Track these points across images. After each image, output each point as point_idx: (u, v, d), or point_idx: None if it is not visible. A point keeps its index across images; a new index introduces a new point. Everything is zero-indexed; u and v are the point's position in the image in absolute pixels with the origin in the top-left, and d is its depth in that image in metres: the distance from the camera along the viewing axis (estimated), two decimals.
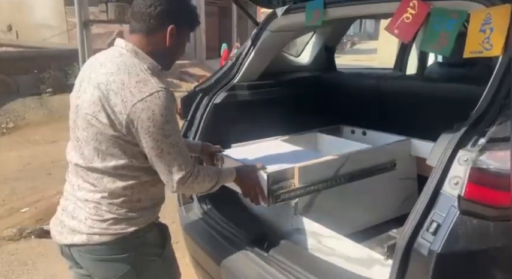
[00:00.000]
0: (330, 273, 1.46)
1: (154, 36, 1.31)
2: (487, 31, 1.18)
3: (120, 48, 1.32)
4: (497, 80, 1.19)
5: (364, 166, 1.94)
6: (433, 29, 1.32)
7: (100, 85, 1.23)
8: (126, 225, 1.31)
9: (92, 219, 1.30)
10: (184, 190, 1.36)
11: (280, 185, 1.63)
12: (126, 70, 1.24)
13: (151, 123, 1.20)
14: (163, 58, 1.34)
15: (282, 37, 2.18)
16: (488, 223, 1.01)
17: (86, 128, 1.29)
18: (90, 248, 1.31)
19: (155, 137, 1.22)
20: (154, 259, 1.39)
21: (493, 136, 1.04)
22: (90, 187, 1.31)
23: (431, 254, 1.06)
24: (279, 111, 2.22)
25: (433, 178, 1.14)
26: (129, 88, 1.20)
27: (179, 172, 1.27)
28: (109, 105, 1.22)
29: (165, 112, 1.20)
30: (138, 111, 1.19)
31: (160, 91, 1.20)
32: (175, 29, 1.31)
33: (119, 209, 1.30)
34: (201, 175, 1.34)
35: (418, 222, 1.13)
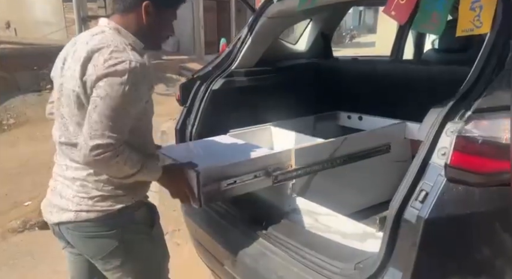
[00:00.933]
0: (326, 247, 1.51)
1: (131, 14, 1.33)
2: (476, 9, 1.22)
3: (103, 26, 1.34)
4: (484, 56, 1.24)
5: (359, 148, 1.99)
6: (424, 9, 1.36)
7: (81, 58, 1.25)
8: (113, 202, 1.32)
9: (79, 196, 1.32)
10: (99, 164, 1.20)
11: (213, 185, 1.50)
12: (106, 44, 1.25)
13: (108, 86, 1.18)
14: (145, 37, 1.36)
15: (278, 23, 2.22)
16: (472, 189, 1.06)
17: (69, 104, 1.30)
18: (77, 225, 1.32)
19: (101, 92, 1.18)
20: (142, 237, 1.40)
21: (478, 107, 1.09)
22: (77, 165, 1.32)
23: (419, 221, 1.11)
24: (277, 97, 2.27)
25: (422, 150, 1.19)
26: (103, 56, 1.21)
27: (98, 138, 1.16)
28: (85, 75, 1.23)
29: (126, 76, 1.18)
30: (104, 73, 1.19)
31: (133, 62, 1.21)
32: (151, 6, 1.32)
33: (106, 186, 1.31)
34: (123, 155, 1.20)
35: (408, 192, 1.18)
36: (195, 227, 1.95)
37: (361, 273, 1.30)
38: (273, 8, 2.08)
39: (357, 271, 1.33)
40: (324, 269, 1.39)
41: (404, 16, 1.48)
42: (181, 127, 2.13)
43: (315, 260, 1.44)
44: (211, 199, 1.53)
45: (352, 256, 1.42)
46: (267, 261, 1.54)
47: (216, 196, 1.56)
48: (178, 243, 3.14)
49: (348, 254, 1.45)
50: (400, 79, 2.40)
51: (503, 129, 1.02)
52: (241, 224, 1.74)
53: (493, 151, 1.02)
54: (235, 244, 1.67)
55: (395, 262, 1.21)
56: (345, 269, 1.36)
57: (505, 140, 1.01)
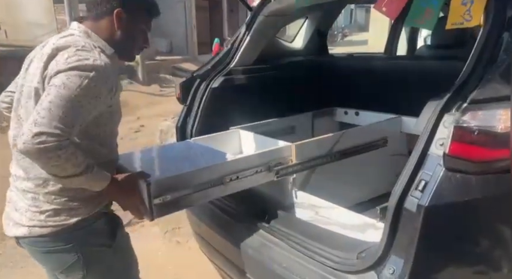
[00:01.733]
0: (327, 238, 1.54)
1: (103, 20, 1.32)
2: (467, 4, 1.27)
3: (73, 29, 1.32)
4: (478, 50, 1.28)
5: (357, 143, 2.04)
6: (417, 4, 1.41)
7: (44, 56, 1.23)
8: (67, 216, 1.25)
9: (31, 211, 1.26)
10: (38, 153, 1.06)
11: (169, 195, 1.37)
12: (73, 43, 1.23)
13: (65, 76, 1.13)
14: (117, 45, 1.34)
15: (276, 21, 2.26)
16: (470, 177, 1.11)
17: (27, 103, 1.24)
18: (33, 240, 1.27)
19: (56, 82, 1.13)
20: (103, 250, 1.34)
21: (473, 98, 1.13)
22: (25, 175, 1.25)
23: (420, 209, 1.15)
24: (275, 94, 2.31)
25: (420, 142, 1.23)
26: (68, 53, 1.19)
27: (44, 126, 1.06)
28: (46, 69, 1.20)
29: (87, 76, 1.14)
30: (64, 69, 1.15)
31: (97, 60, 1.18)
32: (124, 13, 1.31)
33: (57, 199, 1.24)
34: (67, 150, 1.09)
35: (407, 182, 1.22)
36: (198, 223, 1.98)
37: (364, 261, 1.34)
38: (271, 7, 2.12)
39: (359, 260, 1.37)
40: (326, 259, 1.43)
41: (395, 12, 1.53)
42: (182, 125, 2.16)
43: (317, 251, 1.48)
44: (165, 210, 1.39)
45: (354, 246, 1.47)
46: (270, 252, 1.58)
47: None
48: (179, 241, 3.17)
49: (349, 244, 1.49)
50: (395, 74, 2.45)
51: (498, 118, 1.07)
52: (244, 218, 1.78)
53: (489, 140, 1.07)
54: (238, 237, 1.71)
55: (397, 250, 1.25)
56: (347, 258, 1.40)
57: (500, 130, 1.06)
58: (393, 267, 1.25)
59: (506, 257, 1.16)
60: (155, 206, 1.33)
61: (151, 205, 1.32)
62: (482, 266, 1.17)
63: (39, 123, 1.07)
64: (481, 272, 1.17)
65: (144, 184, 1.31)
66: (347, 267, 1.38)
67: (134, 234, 3.36)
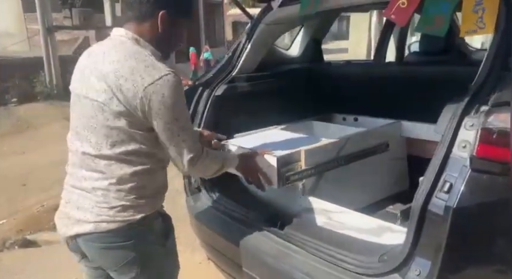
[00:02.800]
0: (344, 243, 1.56)
1: (147, 22, 1.33)
2: (479, 11, 1.32)
3: (120, 36, 1.34)
4: (491, 56, 1.34)
5: (361, 147, 2.08)
6: (428, 12, 1.46)
7: (109, 74, 1.26)
8: (134, 212, 1.33)
9: (100, 207, 1.32)
10: (193, 171, 1.44)
11: (288, 167, 1.74)
12: (133, 57, 1.27)
13: (162, 105, 1.24)
14: (160, 45, 1.36)
15: (276, 29, 2.28)
16: (496, 177, 1.15)
17: (95, 116, 1.30)
18: (97, 236, 1.32)
19: (166, 119, 1.26)
20: (157, 248, 1.41)
21: (496, 101, 1.18)
22: (98, 175, 1.32)
23: (448, 210, 1.18)
24: (276, 101, 2.32)
25: (442, 145, 1.27)
26: (139, 73, 1.23)
27: (189, 154, 1.33)
28: (121, 92, 1.24)
29: (174, 94, 1.25)
30: (149, 93, 1.22)
31: (169, 75, 1.25)
32: (167, 15, 1.32)
33: (128, 196, 1.32)
34: (209, 157, 1.41)
35: (432, 184, 1.25)
36: (208, 232, 1.95)
37: (387, 264, 1.36)
38: (272, 15, 2.14)
39: (382, 263, 1.38)
40: (348, 264, 1.44)
41: (405, 19, 1.58)
42: None
43: (337, 256, 1.49)
44: (288, 180, 1.75)
45: (373, 249, 1.48)
46: (290, 260, 1.57)
47: (292, 178, 1.77)
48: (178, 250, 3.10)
49: (369, 248, 1.51)
50: (391, 80, 2.51)
51: None
52: (257, 225, 1.77)
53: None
54: (254, 245, 1.69)
55: (422, 252, 1.28)
56: (369, 262, 1.42)
57: None
58: (419, 269, 1.28)
59: None
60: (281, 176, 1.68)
61: (279, 175, 1.67)
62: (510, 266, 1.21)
63: (184, 153, 1.33)
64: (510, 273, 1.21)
65: (274, 158, 1.67)
66: (370, 270, 1.39)
67: None
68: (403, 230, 1.42)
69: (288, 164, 1.74)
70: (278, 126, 2.31)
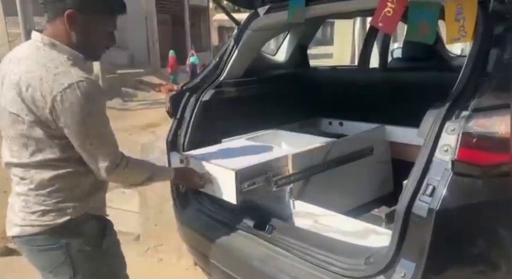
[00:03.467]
0: (331, 246, 1.58)
1: (58, 23, 1.26)
2: (460, 20, 1.37)
3: (36, 41, 1.28)
4: (470, 63, 1.38)
5: (347, 151, 2.12)
6: (412, 20, 1.50)
7: (20, 83, 1.22)
8: (55, 216, 1.31)
9: (24, 212, 1.33)
10: (114, 179, 1.39)
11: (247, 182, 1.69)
12: (45, 65, 1.22)
13: (70, 114, 1.20)
14: (79, 47, 1.30)
15: (263, 35, 2.31)
16: (476, 180, 1.19)
17: (11, 125, 1.28)
18: (26, 239, 1.35)
19: (75, 128, 1.22)
20: (90, 250, 1.38)
21: (476, 107, 1.22)
22: (20, 181, 1.33)
23: (431, 213, 1.21)
24: (264, 106, 2.35)
25: (425, 148, 1.30)
26: (48, 82, 1.19)
27: (103, 162, 1.29)
28: (31, 102, 1.21)
29: (84, 102, 1.20)
30: (58, 102, 1.18)
31: (80, 82, 1.19)
32: (76, 13, 1.24)
33: (47, 201, 1.30)
34: (129, 166, 1.36)
35: (415, 188, 1.28)
36: (195, 237, 1.95)
37: (373, 267, 1.38)
38: (259, 22, 2.16)
39: (368, 266, 1.41)
40: (335, 267, 1.46)
41: (392, 27, 1.62)
42: (173, 139, 2.13)
43: (324, 259, 1.51)
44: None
45: (359, 252, 1.51)
46: (277, 263, 1.59)
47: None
48: (162, 258, 3.08)
49: (355, 251, 1.53)
50: (374, 86, 2.57)
51: (500, 125, 1.16)
52: (244, 229, 1.78)
53: (494, 145, 1.16)
54: (242, 250, 1.70)
55: (407, 254, 1.30)
56: (355, 264, 1.44)
57: (502, 135, 1.15)
58: (404, 270, 1.30)
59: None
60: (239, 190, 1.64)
61: (237, 190, 1.63)
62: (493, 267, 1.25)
63: (99, 161, 1.29)
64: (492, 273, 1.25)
65: (232, 172, 1.62)
66: (357, 273, 1.41)
67: None
68: (388, 232, 1.45)
69: (249, 177, 1.69)
70: (244, 136, 2.26)
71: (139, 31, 14.89)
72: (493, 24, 1.40)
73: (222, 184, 1.69)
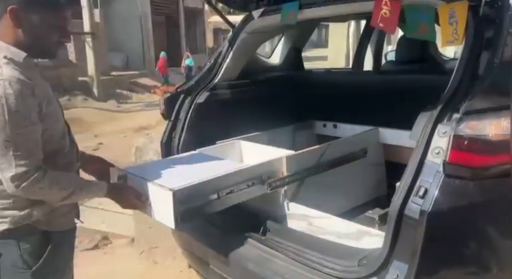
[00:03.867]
0: (325, 248, 1.58)
1: (2, 20, 1.22)
2: (453, 24, 1.39)
3: None
4: (461, 67, 1.40)
5: (341, 154, 2.13)
6: (411, 20, 1.52)
7: None
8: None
9: None
10: (24, 194, 1.21)
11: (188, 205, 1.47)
12: None
13: None
14: (27, 45, 1.25)
15: (257, 38, 2.32)
16: (468, 182, 1.21)
17: None
18: None
19: None
20: (21, 269, 1.30)
21: (467, 110, 1.24)
22: None
23: (423, 214, 1.22)
24: (258, 109, 2.35)
25: (417, 151, 1.32)
26: None
27: (9, 171, 1.17)
28: None
29: (5, 106, 1.14)
30: None
31: (1, 81, 1.15)
32: (20, 10, 1.20)
33: None
34: (46, 180, 1.21)
35: (408, 190, 1.29)
36: (190, 240, 1.95)
37: (366, 268, 1.39)
38: (254, 24, 2.18)
39: (361, 267, 1.42)
40: (328, 269, 1.47)
41: (393, 27, 1.63)
42: (167, 141, 2.14)
43: (318, 261, 1.51)
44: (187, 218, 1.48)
45: (352, 254, 1.51)
46: (271, 265, 1.59)
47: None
48: (156, 261, 3.08)
49: (348, 252, 1.54)
50: (368, 88, 2.59)
51: (491, 127, 1.18)
52: (240, 232, 1.78)
53: (484, 147, 1.18)
54: (236, 252, 1.70)
55: (399, 255, 1.31)
56: (348, 266, 1.45)
57: (492, 138, 1.17)
58: (396, 272, 1.31)
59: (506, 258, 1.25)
60: (179, 213, 1.42)
61: (176, 213, 1.41)
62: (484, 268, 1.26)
63: (4, 169, 1.17)
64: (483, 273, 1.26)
65: (169, 192, 1.39)
66: (350, 274, 1.42)
67: (106, 255, 3.24)
68: (382, 234, 1.46)
69: (191, 199, 1.47)
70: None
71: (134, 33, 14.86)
72: (483, 28, 1.43)
73: (160, 205, 1.47)
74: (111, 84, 12.47)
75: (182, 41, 17.42)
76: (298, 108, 2.63)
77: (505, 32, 1.39)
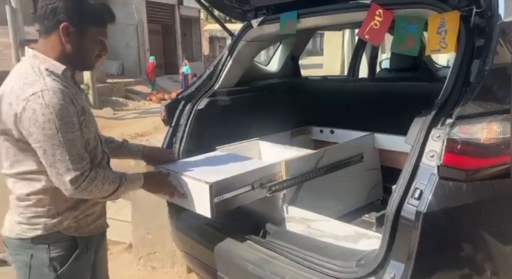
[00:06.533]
0: (323, 249, 1.63)
1: (52, 37, 1.30)
2: (442, 33, 1.46)
3: (26, 55, 1.35)
4: (454, 74, 1.46)
5: (338, 158, 2.18)
6: (399, 33, 1.58)
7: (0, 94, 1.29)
8: (27, 230, 1.35)
9: (9, 215, 1.42)
10: (81, 194, 1.30)
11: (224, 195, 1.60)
12: (19, 75, 1.27)
13: (32, 122, 1.21)
14: (72, 58, 1.34)
15: (256, 46, 2.38)
16: (461, 184, 1.26)
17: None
18: (5, 239, 1.42)
19: (37, 137, 1.22)
20: (48, 273, 1.37)
21: (459, 114, 1.30)
22: (10, 190, 1.40)
23: (418, 216, 1.27)
24: (257, 115, 2.40)
25: (412, 154, 1.37)
26: (16, 92, 1.23)
27: (67, 174, 1.25)
28: (3, 112, 1.27)
29: (47, 111, 1.20)
30: (21, 110, 1.21)
31: (45, 90, 1.21)
32: (70, 26, 1.29)
33: (23, 213, 1.35)
34: (99, 177, 1.31)
35: (403, 192, 1.34)
36: (190, 242, 1.98)
37: (364, 268, 1.44)
38: (252, 33, 2.24)
39: (359, 267, 1.46)
40: (328, 269, 1.51)
41: (379, 39, 1.70)
42: (168, 147, 2.17)
43: (317, 262, 1.56)
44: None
45: (351, 255, 1.56)
46: (271, 267, 1.63)
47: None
48: (154, 266, 3.09)
49: (346, 254, 1.59)
50: (364, 95, 2.65)
51: (483, 132, 1.24)
52: (239, 235, 1.81)
53: (477, 151, 1.24)
54: (236, 254, 1.74)
55: (396, 255, 1.36)
56: (347, 267, 1.49)
57: (484, 141, 1.23)
58: (393, 271, 1.36)
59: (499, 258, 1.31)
60: (215, 204, 1.56)
61: (212, 203, 1.54)
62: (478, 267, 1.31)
63: (62, 173, 1.25)
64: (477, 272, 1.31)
65: (206, 185, 1.53)
66: (348, 275, 1.47)
67: None
68: (379, 236, 1.51)
69: (224, 191, 1.60)
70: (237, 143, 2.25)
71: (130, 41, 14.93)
72: (474, 37, 1.49)
73: (196, 198, 1.61)
74: (107, 91, 12.50)
75: (178, 49, 17.51)
76: (296, 114, 2.68)
77: (494, 40, 1.46)
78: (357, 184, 2.38)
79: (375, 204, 2.39)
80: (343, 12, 1.88)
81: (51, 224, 1.35)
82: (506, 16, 1.55)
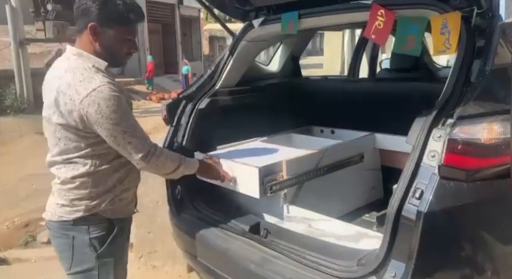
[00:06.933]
0: (325, 249, 1.63)
1: (83, 36, 1.43)
2: (445, 33, 1.46)
3: (68, 53, 1.47)
4: (455, 74, 1.47)
5: (338, 158, 2.18)
6: (400, 34, 1.59)
7: (52, 89, 1.40)
8: (70, 212, 1.48)
9: (52, 199, 1.53)
10: (148, 168, 1.51)
11: (269, 178, 1.80)
12: (71, 72, 1.39)
13: (99, 115, 1.35)
14: (103, 56, 1.45)
15: (257, 46, 2.38)
16: (462, 183, 1.27)
17: (47, 127, 1.47)
18: (47, 222, 1.55)
19: (106, 127, 1.37)
20: (89, 252, 1.50)
21: (460, 115, 1.30)
22: (55, 176, 1.51)
23: (419, 215, 1.28)
24: (258, 115, 2.41)
25: (413, 154, 1.38)
26: (74, 88, 1.35)
27: (138, 153, 1.44)
28: (60, 106, 1.38)
29: (109, 103, 1.35)
30: (85, 106, 1.34)
31: (102, 86, 1.35)
32: (97, 26, 1.40)
33: (66, 196, 1.48)
34: (163, 155, 1.52)
35: (404, 191, 1.35)
36: (191, 241, 1.98)
37: (365, 268, 1.44)
38: (254, 33, 2.24)
39: (360, 267, 1.47)
40: (329, 269, 1.52)
41: (384, 39, 1.70)
42: (169, 146, 2.18)
43: (319, 261, 1.56)
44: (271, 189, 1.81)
45: (352, 254, 1.57)
46: (273, 266, 1.64)
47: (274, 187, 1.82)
48: (155, 265, 3.10)
49: (347, 253, 1.59)
50: (364, 95, 2.66)
51: (483, 132, 1.24)
52: (241, 234, 1.82)
53: (477, 151, 1.24)
54: (238, 253, 1.75)
55: (397, 255, 1.37)
56: (348, 266, 1.50)
57: (484, 141, 1.23)
58: (394, 271, 1.37)
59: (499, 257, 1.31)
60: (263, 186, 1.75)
61: (261, 185, 1.74)
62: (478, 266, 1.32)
63: (133, 153, 1.44)
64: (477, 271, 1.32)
65: (256, 169, 1.73)
66: (349, 274, 1.47)
67: None
68: (379, 235, 1.52)
69: (269, 174, 1.80)
70: (259, 138, 2.38)
71: None
72: (475, 37, 1.50)
73: (246, 181, 1.78)
74: None
75: (178, 49, 17.50)
76: (296, 113, 2.69)
77: (495, 41, 1.46)
78: (358, 184, 2.39)
79: (376, 204, 2.40)
80: (345, 13, 1.88)
81: (92, 205, 1.47)
82: (507, 17, 1.55)
